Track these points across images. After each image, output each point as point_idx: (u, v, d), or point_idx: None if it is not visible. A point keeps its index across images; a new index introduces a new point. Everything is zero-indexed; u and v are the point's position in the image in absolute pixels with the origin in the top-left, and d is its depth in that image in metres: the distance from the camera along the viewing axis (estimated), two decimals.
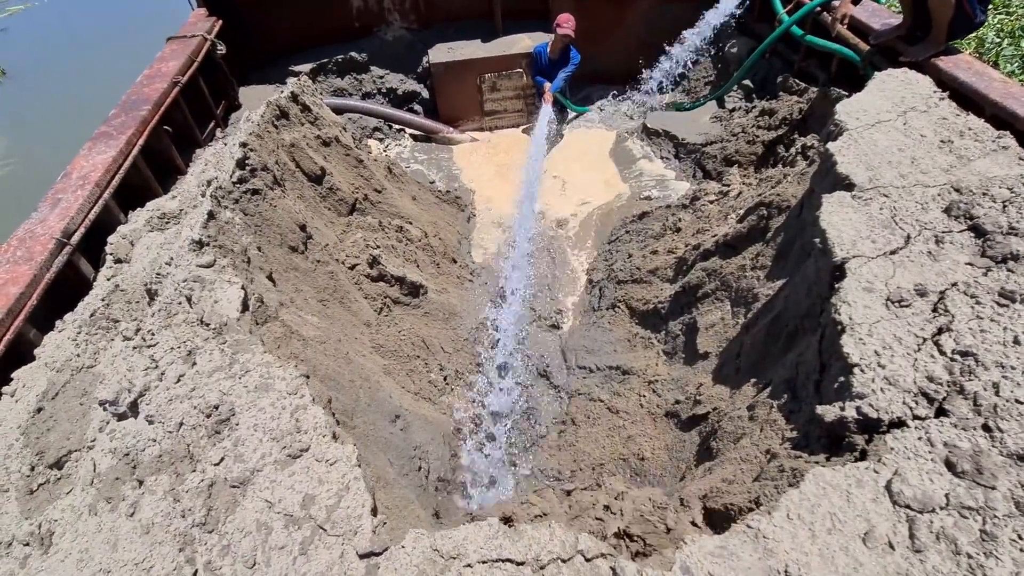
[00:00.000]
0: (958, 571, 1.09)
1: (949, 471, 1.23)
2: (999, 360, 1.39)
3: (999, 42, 5.89)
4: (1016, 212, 1.77)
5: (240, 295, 1.87)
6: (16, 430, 2.01)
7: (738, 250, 2.74)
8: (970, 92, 3.29)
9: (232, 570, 1.22)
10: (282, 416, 1.47)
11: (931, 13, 3.52)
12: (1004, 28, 6.25)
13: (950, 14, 3.42)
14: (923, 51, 3.67)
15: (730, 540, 1.18)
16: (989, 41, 5.90)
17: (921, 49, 3.69)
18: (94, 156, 3.40)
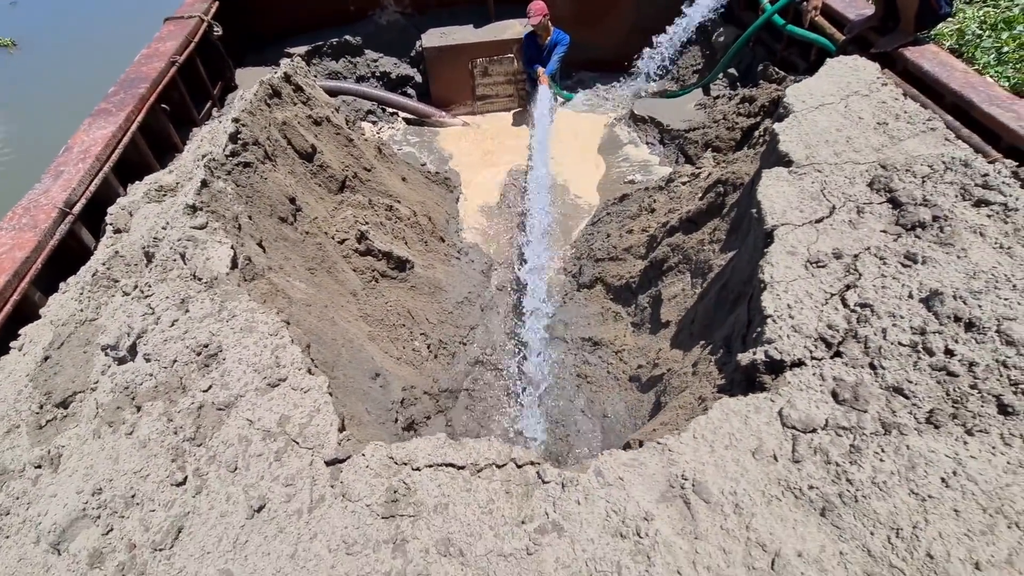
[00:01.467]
0: (827, 476, 1.30)
1: (833, 400, 1.43)
2: (892, 311, 1.59)
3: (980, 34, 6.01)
4: (932, 186, 1.96)
5: (230, 254, 2.07)
6: (24, 378, 2.21)
7: (698, 225, 2.92)
8: (932, 81, 3.46)
9: (217, 474, 1.42)
10: (264, 353, 1.67)
11: (898, 5, 3.68)
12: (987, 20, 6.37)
13: (916, 6, 3.59)
14: (892, 41, 3.83)
15: (642, 453, 1.39)
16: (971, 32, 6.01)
17: (890, 40, 3.86)
18: (94, 131, 3.58)
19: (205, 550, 1.31)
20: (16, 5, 9.95)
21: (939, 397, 1.42)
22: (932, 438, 1.35)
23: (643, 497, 1.29)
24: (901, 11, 3.71)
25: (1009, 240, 1.81)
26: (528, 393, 3.39)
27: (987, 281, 1.64)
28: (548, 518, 1.27)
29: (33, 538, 1.57)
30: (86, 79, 5.63)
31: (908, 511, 1.23)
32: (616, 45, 6.12)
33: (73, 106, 4.09)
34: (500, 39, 5.66)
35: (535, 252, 4.03)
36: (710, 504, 1.27)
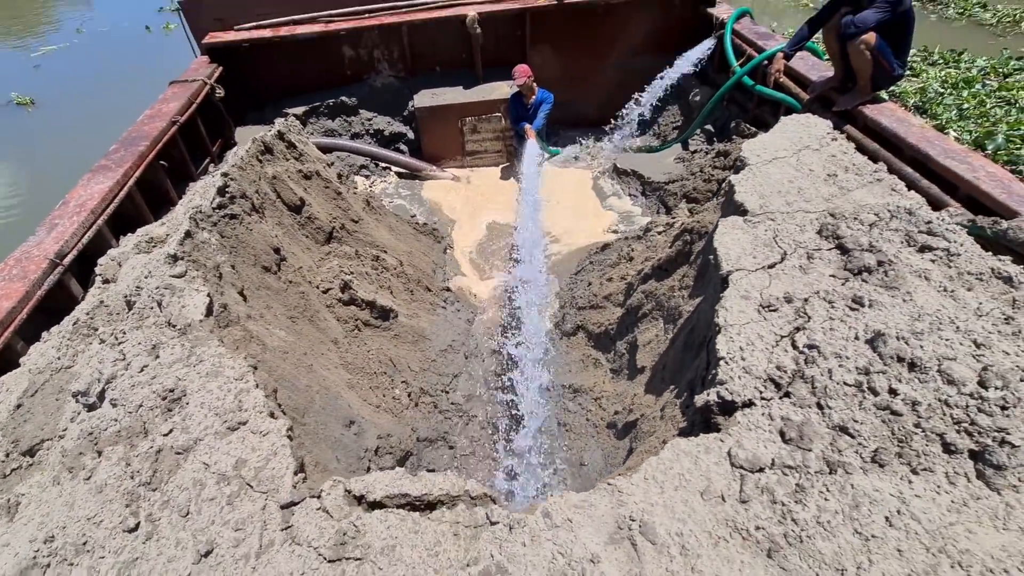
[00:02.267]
0: (773, 516, 1.30)
1: (780, 439, 1.46)
2: (838, 351, 1.64)
3: (942, 92, 6.37)
4: (878, 233, 2.05)
5: (205, 301, 2.13)
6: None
7: (669, 272, 3.01)
8: (891, 136, 3.66)
9: (169, 519, 1.42)
10: (227, 396, 1.70)
11: (854, 69, 3.95)
12: (948, 80, 6.76)
13: (870, 70, 3.85)
14: (852, 100, 4.09)
15: (592, 495, 1.39)
16: (933, 91, 6.38)
17: (850, 99, 4.11)
18: (92, 186, 3.74)
19: None
20: (39, 68, 10.69)
21: (884, 436, 1.44)
22: (877, 477, 1.36)
23: (590, 539, 1.29)
24: (857, 74, 3.97)
25: (953, 284, 1.89)
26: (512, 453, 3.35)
27: (931, 323, 1.70)
28: (493, 560, 1.26)
29: None
30: (96, 136, 5.96)
31: (852, 551, 1.23)
32: (600, 104, 6.47)
33: (81, 162, 4.31)
34: (488, 99, 5.98)
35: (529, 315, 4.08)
36: (657, 546, 1.27)
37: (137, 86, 8.40)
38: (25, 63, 11.02)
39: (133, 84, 9.05)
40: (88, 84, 9.75)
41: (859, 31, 3.61)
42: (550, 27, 5.97)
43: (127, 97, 7.99)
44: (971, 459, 1.39)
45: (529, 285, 4.22)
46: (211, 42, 5.56)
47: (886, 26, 3.61)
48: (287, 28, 5.64)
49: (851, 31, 3.65)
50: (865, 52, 3.69)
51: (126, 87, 9.16)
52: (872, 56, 3.71)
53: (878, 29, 3.60)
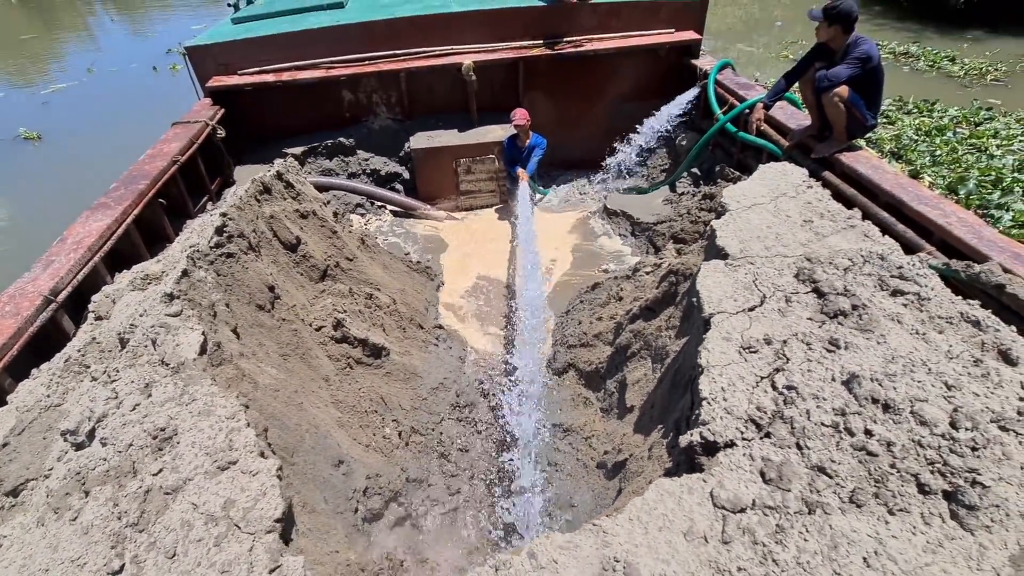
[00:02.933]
0: (755, 557, 1.33)
1: (761, 479, 1.49)
2: (815, 392, 1.69)
3: (916, 139, 6.68)
4: (852, 277, 2.15)
5: (200, 340, 2.16)
6: None
7: (656, 313, 3.08)
8: (867, 182, 3.83)
9: (154, 561, 1.42)
10: (218, 436, 1.71)
11: (829, 119, 4.17)
12: (922, 128, 7.10)
13: (844, 120, 4.07)
14: (829, 148, 4.29)
15: (577, 536, 1.41)
16: (908, 138, 6.69)
17: (827, 146, 4.32)
18: (90, 223, 3.81)
19: None
20: (47, 104, 11.10)
21: (861, 476, 1.48)
22: (855, 517, 1.40)
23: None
24: (832, 124, 4.18)
25: (924, 327, 1.97)
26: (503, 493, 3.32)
27: (904, 365, 1.77)
28: None
29: None
30: (100, 172, 6.13)
31: None
32: (590, 147, 6.70)
33: (83, 196, 4.40)
34: (482, 142, 6.19)
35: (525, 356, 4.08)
36: None
37: (142, 124, 8.70)
38: (34, 100, 11.41)
39: (138, 122, 9.39)
40: (94, 121, 10.08)
41: (832, 85, 3.84)
42: (542, 75, 6.25)
43: (132, 134, 8.28)
44: (945, 499, 1.43)
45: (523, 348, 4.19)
46: (214, 85, 5.76)
47: (857, 80, 3.83)
48: (289, 73, 5.86)
49: (824, 84, 3.87)
50: (839, 104, 3.91)
51: (131, 125, 9.47)
52: (845, 108, 3.93)
53: (850, 83, 3.83)
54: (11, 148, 9.20)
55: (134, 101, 10.88)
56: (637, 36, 6.19)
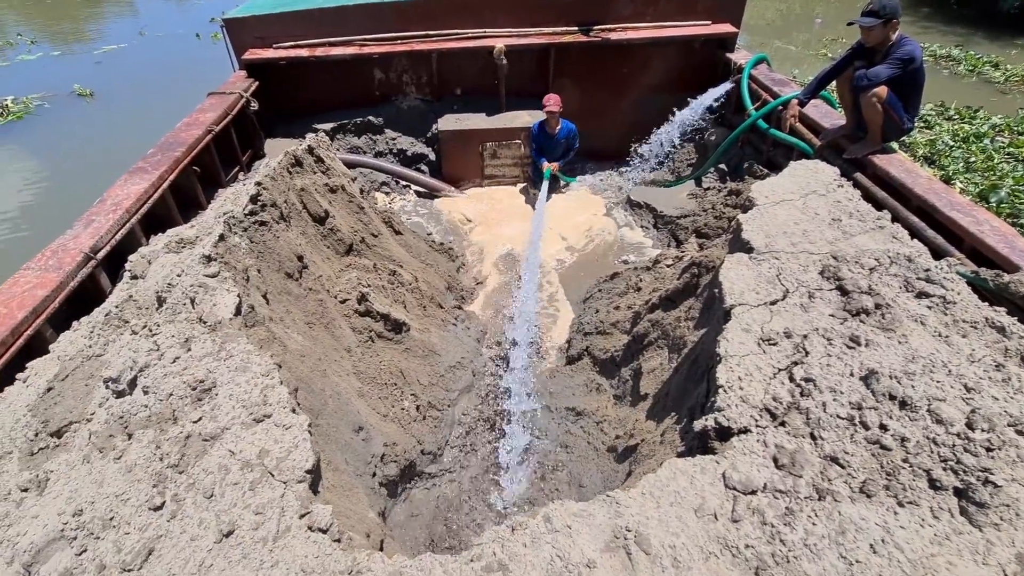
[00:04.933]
0: (762, 536, 1.37)
1: (773, 465, 1.53)
2: (832, 386, 1.72)
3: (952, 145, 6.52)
4: (877, 277, 2.15)
5: (235, 301, 2.26)
6: (24, 407, 2.33)
7: (676, 303, 3.11)
8: (899, 186, 3.77)
9: (193, 500, 1.51)
10: (253, 391, 1.81)
11: (865, 119, 4.09)
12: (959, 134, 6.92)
13: (880, 121, 3.99)
14: (862, 149, 4.23)
15: (591, 506, 1.47)
16: (943, 143, 6.53)
17: (860, 147, 4.25)
18: (128, 187, 3.94)
19: (171, 572, 1.38)
20: (101, 64, 11.89)
21: (873, 469, 1.51)
22: (864, 506, 1.43)
23: (587, 545, 1.37)
24: (868, 125, 4.11)
25: (947, 330, 1.97)
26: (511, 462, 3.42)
27: (924, 365, 1.78)
28: (495, 557, 1.34)
29: (7, 558, 1.63)
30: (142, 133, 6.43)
31: (836, 574, 1.29)
32: (617, 138, 6.67)
33: (125, 157, 4.58)
34: (509, 127, 6.19)
35: (521, 330, 4.20)
36: (650, 556, 1.34)
37: (182, 90, 9.19)
38: (88, 60, 12.15)
39: (179, 87, 9.87)
40: (142, 82, 10.72)
41: (871, 84, 3.77)
42: (573, 62, 6.21)
43: (173, 98, 8.73)
44: (955, 496, 1.46)
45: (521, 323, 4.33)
46: (250, 58, 5.85)
47: (897, 81, 3.76)
48: (323, 49, 5.92)
49: (863, 84, 3.80)
50: (876, 105, 3.84)
51: (173, 89, 9.97)
52: (883, 109, 3.86)
53: (889, 84, 3.76)
54: (66, 103, 9.79)
55: (177, 66, 11.47)
56: (672, 27, 6.12)
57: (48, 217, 6.78)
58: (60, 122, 9.11)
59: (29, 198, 7.33)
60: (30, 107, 9.52)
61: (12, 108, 9.33)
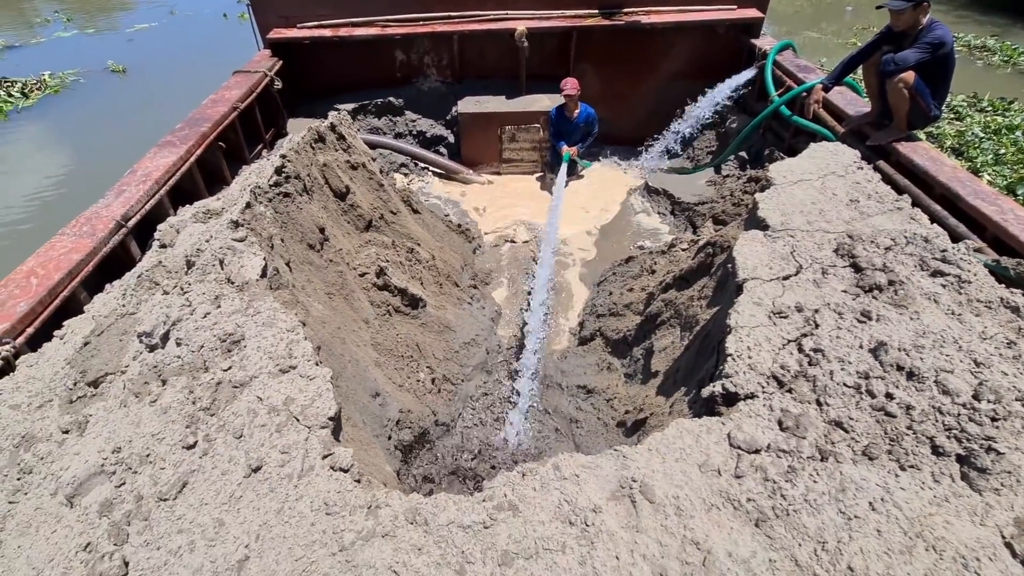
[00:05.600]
0: (764, 491, 1.42)
1: (778, 427, 1.58)
2: (842, 357, 1.75)
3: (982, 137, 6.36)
4: (893, 256, 2.16)
5: (261, 264, 2.35)
6: (62, 361, 2.47)
7: (690, 283, 3.13)
8: (922, 173, 3.73)
9: (224, 440, 1.61)
10: (280, 344, 1.90)
11: (891, 106, 4.04)
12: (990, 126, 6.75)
13: (906, 108, 3.94)
14: (886, 136, 4.17)
15: (599, 458, 1.53)
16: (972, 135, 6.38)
17: (885, 134, 4.20)
18: (157, 159, 4.08)
19: (204, 502, 1.48)
20: (133, 41, 12.39)
21: (876, 434, 1.55)
22: (865, 468, 1.47)
23: (594, 493, 1.43)
24: (894, 111, 4.06)
25: (961, 308, 1.98)
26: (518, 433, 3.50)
27: (934, 340, 1.80)
28: (506, 498, 1.41)
29: (51, 490, 1.75)
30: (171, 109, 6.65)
31: (835, 528, 1.34)
32: (636, 124, 6.64)
33: (155, 131, 4.74)
34: (529, 110, 6.21)
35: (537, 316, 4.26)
36: (654, 504, 1.40)
37: (209, 67, 9.47)
38: (120, 37, 12.63)
39: (206, 65, 10.21)
40: (172, 60, 11.14)
41: (898, 69, 3.71)
42: (594, 46, 6.19)
43: (200, 76, 8.97)
44: (957, 462, 1.49)
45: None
46: (274, 37, 5.94)
47: (926, 67, 3.70)
48: (346, 29, 5.98)
49: (890, 68, 3.75)
50: (903, 91, 3.79)
51: (201, 67, 10.32)
52: (910, 95, 3.80)
53: (917, 69, 3.70)
54: (101, 78, 10.26)
55: (205, 45, 11.88)
56: (696, 11, 6.05)
57: (82, 186, 7.05)
58: (95, 97, 9.49)
59: (64, 168, 7.65)
60: (66, 82, 9.88)
61: (49, 83, 9.70)
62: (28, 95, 9.26)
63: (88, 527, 1.55)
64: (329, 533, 1.37)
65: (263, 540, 1.37)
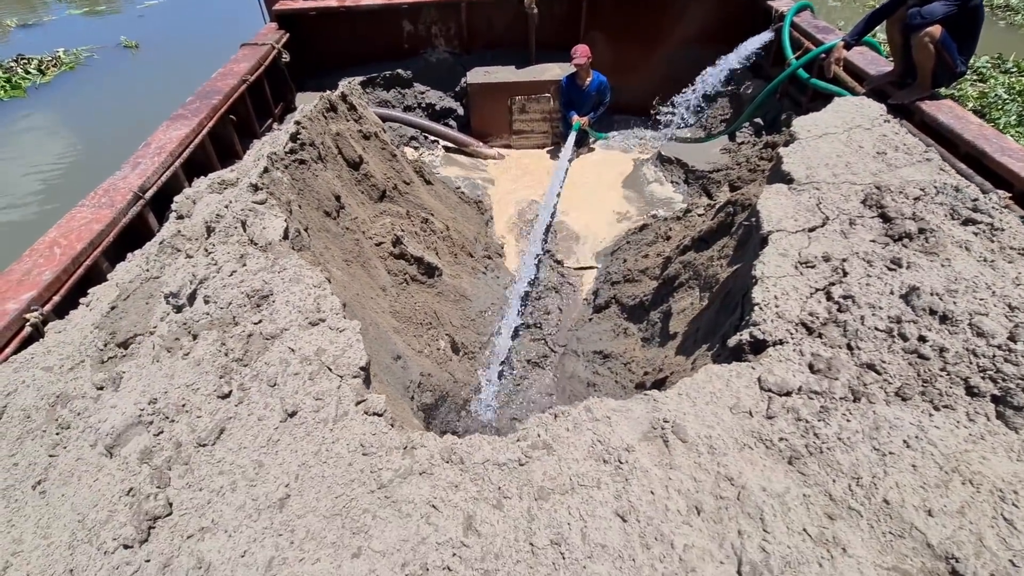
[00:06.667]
0: (796, 431, 1.42)
1: (809, 370, 1.57)
2: (872, 303, 1.73)
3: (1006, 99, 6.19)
4: (922, 205, 2.12)
5: (283, 226, 2.36)
6: (90, 325, 2.50)
7: (709, 244, 3.11)
8: (947, 132, 3.64)
9: (258, 388, 1.64)
10: (308, 299, 1.91)
11: (916, 63, 3.92)
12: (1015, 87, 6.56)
13: (931, 64, 3.82)
14: (909, 95, 4.06)
15: (630, 402, 1.54)
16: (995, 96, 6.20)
17: (908, 93, 4.09)
18: (170, 132, 4.07)
19: (242, 446, 1.51)
20: (144, 17, 12.62)
21: (910, 376, 1.54)
22: (899, 408, 1.47)
23: (627, 433, 1.44)
24: (918, 68, 3.94)
25: (993, 256, 1.95)
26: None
27: (967, 286, 1.78)
28: (540, 438, 1.42)
29: (91, 442, 1.79)
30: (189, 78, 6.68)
31: (869, 464, 1.34)
32: (650, 92, 6.51)
33: (169, 103, 4.74)
34: (539, 80, 6.10)
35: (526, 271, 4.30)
36: (687, 443, 1.41)
37: (220, 41, 9.53)
38: (132, 13, 12.85)
39: (217, 38, 10.31)
40: (182, 35, 11.28)
41: (924, 23, 3.60)
42: (606, 12, 6.05)
43: (210, 49, 9.02)
44: (992, 402, 1.48)
45: None
46: (281, 9, 5.86)
47: (953, 21, 3.58)
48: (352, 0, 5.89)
49: (916, 22, 3.63)
50: (929, 45, 3.67)
51: (211, 41, 10.41)
52: (935, 50, 3.69)
53: (944, 23, 3.58)
54: (114, 54, 10.45)
55: (215, 20, 12.05)
56: None
57: (99, 159, 7.14)
58: (110, 72, 9.63)
59: (80, 142, 7.74)
60: (80, 58, 9.96)
61: (64, 59, 9.74)
62: (45, 72, 9.35)
63: (129, 474, 1.59)
64: (367, 472, 1.39)
65: (302, 480, 1.40)
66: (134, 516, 1.41)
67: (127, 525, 1.41)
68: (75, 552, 1.45)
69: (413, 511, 1.31)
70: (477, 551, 1.23)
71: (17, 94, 8.76)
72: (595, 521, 1.26)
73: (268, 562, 1.27)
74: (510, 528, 1.26)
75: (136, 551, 1.36)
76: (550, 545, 1.22)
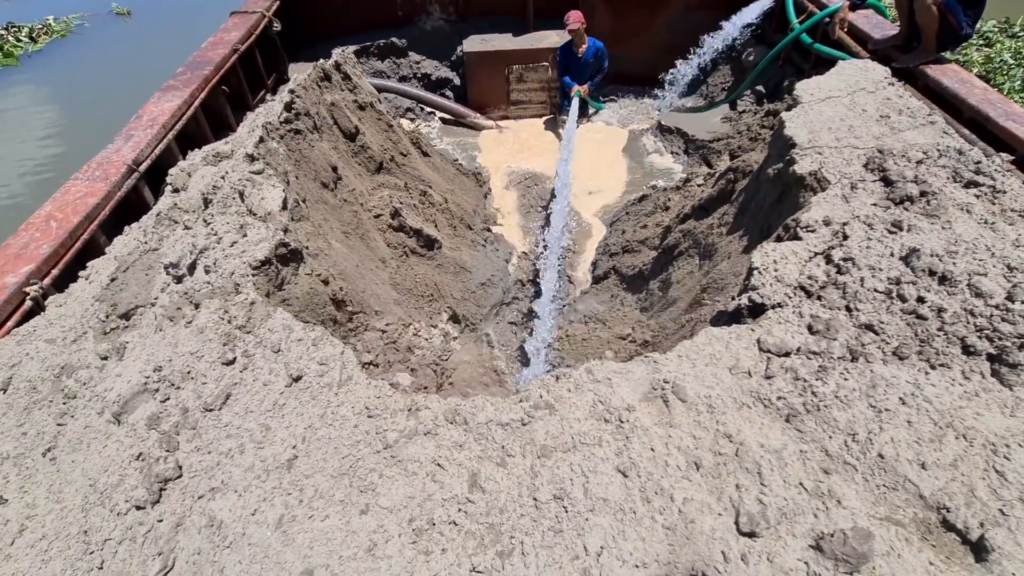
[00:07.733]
0: (794, 390, 1.45)
1: (807, 331, 1.59)
2: (872, 265, 1.74)
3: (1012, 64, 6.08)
4: (925, 168, 2.11)
5: (281, 196, 2.34)
6: (91, 298, 2.50)
7: (709, 212, 3.10)
8: (951, 96, 3.60)
9: (262, 355, 1.65)
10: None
11: (920, 26, 3.84)
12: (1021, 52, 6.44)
13: (935, 27, 3.75)
14: (913, 59, 3.99)
15: (631, 364, 1.56)
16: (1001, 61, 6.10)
17: (912, 57, 4.01)
18: (162, 104, 4.00)
19: (249, 410, 1.53)
20: None
21: (907, 336, 1.56)
22: (896, 367, 1.49)
23: (627, 394, 1.46)
24: (923, 31, 3.86)
25: (994, 218, 1.94)
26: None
27: (967, 248, 1.78)
28: (542, 399, 1.45)
29: (98, 410, 1.82)
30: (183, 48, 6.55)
31: (865, 420, 1.37)
32: (649, 61, 6.38)
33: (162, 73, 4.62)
34: (537, 47, 5.97)
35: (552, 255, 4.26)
36: (686, 403, 1.43)
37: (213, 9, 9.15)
38: None
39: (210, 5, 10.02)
40: (175, 1, 10.93)
41: None
42: None
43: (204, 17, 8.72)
44: (988, 360, 1.50)
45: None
46: None
47: None
48: None
49: None
50: (932, 7, 3.60)
51: (206, 8, 10.03)
52: (940, 12, 3.61)
53: None
54: (106, 21, 10.25)
55: None
56: None
57: (91, 130, 7.05)
58: (101, 40, 9.45)
59: (72, 113, 7.61)
60: (71, 26, 9.74)
61: (55, 27, 9.51)
62: (36, 40, 9.16)
63: (138, 440, 1.61)
64: (372, 433, 1.42)
65: (309, 441, 1.43)
66: (145, 479, 1.44)
67: (138, 487, 1.44)
68: (88, 514, 1.48)
69: (419, 470, 1.34)
70: (482, 506, 1.26)
71: (10, 63, 8.58)
72: (596, 477, 1.29)
73: (279, 519, 1.30)
74: (514, 484, 1.30)
75: (148, 511, 1.40)
76: (553, 500, 1.25)
